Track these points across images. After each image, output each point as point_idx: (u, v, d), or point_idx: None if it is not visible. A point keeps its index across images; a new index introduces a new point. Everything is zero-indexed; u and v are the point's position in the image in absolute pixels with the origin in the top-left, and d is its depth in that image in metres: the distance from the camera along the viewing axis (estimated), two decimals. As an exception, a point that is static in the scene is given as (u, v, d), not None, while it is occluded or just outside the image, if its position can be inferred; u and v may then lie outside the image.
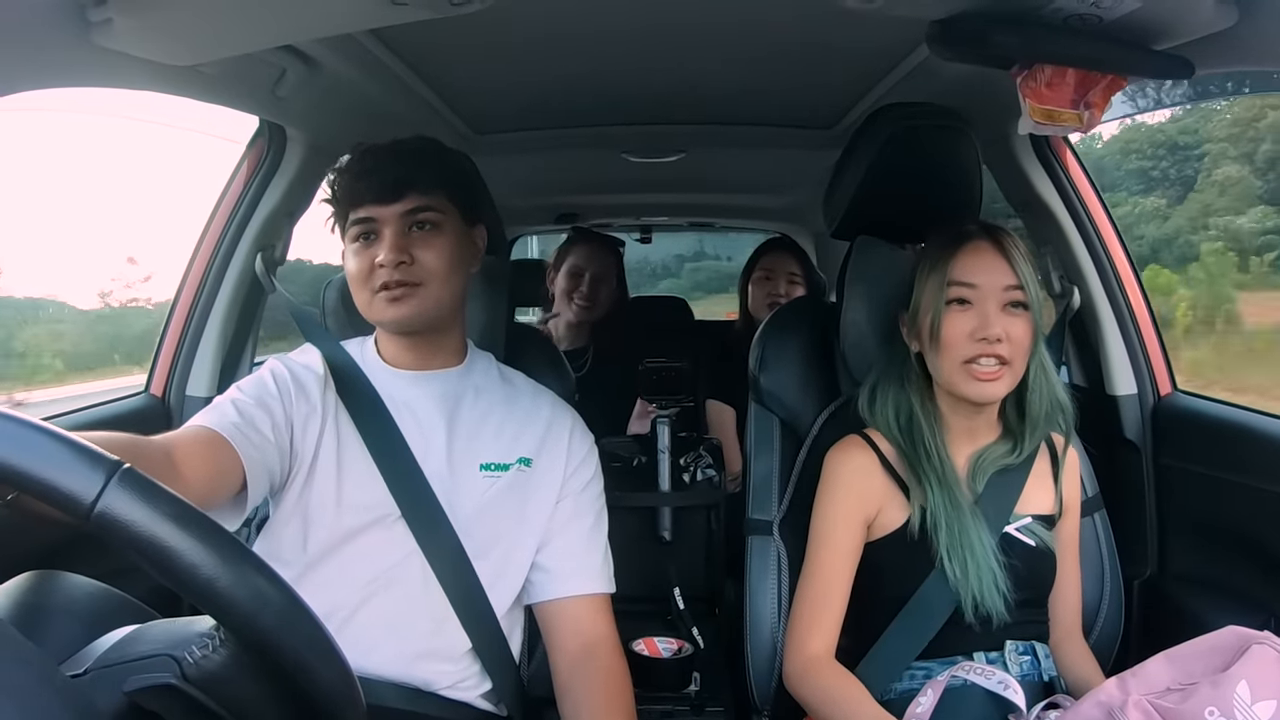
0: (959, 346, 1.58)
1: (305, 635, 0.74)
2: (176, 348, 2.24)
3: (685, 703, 2.16)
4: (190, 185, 3.22)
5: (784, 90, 2.35)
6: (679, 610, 2.44)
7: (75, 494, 0.67)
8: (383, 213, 1.56)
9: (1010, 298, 1.58)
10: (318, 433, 1.58)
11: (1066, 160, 2.19)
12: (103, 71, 1.42)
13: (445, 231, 1.60)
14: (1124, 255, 2.19)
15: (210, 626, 0.75)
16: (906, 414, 1.68)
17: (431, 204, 1.59)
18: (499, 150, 2.75)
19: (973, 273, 1.59)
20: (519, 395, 1.74)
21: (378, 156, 1.59)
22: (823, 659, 1.62)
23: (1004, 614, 1.56)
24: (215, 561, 0.69)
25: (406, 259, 1.55)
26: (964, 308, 1.59)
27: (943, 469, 1.63)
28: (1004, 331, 1.56)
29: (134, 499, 0.68)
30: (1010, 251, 1.59)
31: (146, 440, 1.29)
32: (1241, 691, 1.22)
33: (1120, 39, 1.42)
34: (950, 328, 1.59)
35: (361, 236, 1.59)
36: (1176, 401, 2.14)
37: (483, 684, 1.63)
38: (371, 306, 1.59)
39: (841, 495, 1.68)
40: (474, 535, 1.59)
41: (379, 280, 1.55)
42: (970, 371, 1.57)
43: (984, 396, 1.60)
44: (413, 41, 1.87)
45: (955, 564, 1.57)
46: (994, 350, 1.56)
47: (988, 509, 1.64)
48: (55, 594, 0.84)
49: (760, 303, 3.39)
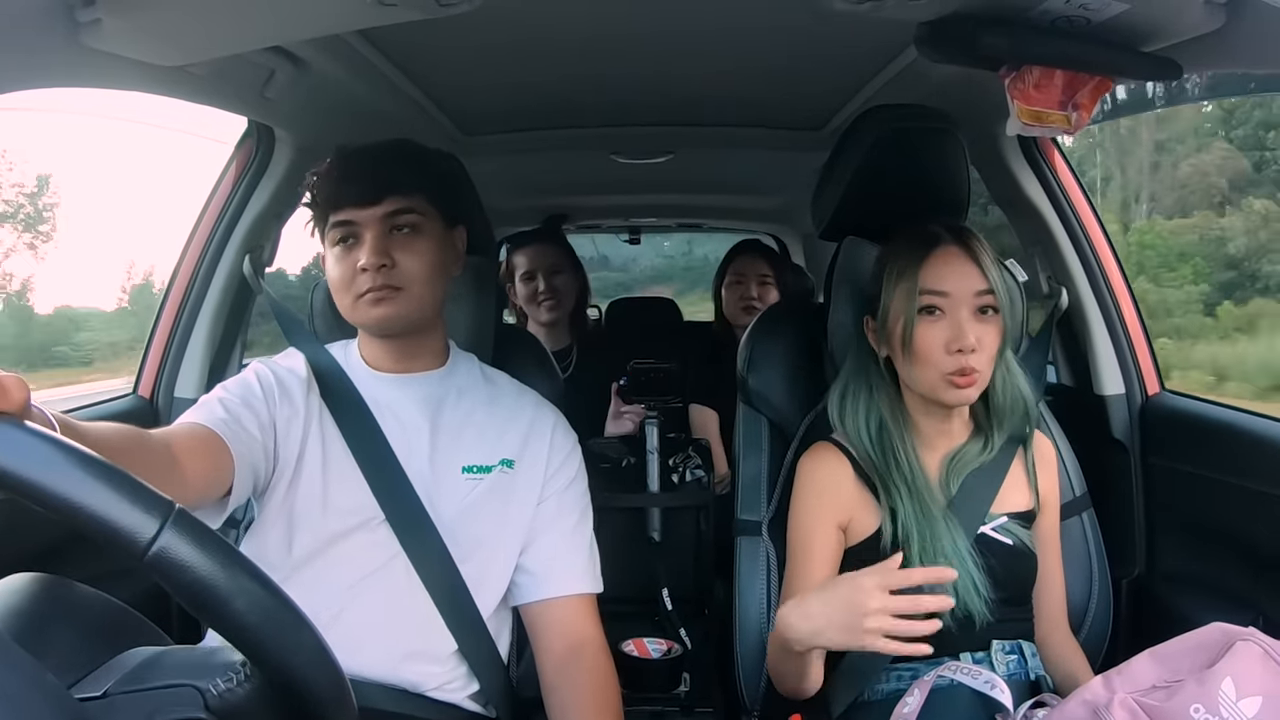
0: (935, 359, 1.57)
1: (329, 677, 0.76)
2: (165, 349, 2.24)
3: (675, 703, 2.17)
4: (181, 186, 3.23)
5: (772, 92, 2.35)
6: (667, 611, 2.44)
7: (133, 534, 0.67)
8: (363, 216, 1.56)
9: (981, 302, 1.57)
10: (301, 436, 1.58)
11: (1054, 161, 2.20)
12: (91, 72, 1.42)
13: (426, 234, 1.60)
14: (1111, 255, 2.20)
15: (235, 659, 0.75)
16: (877, 421, 1.67)
17: (412, 206, 1.58)
18: (487, 151, 2.75)
19: (943, 280, 1.58)
20: (501, 396, 1.74)
21: (358, 159, 1.59)
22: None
23: (985, 614, 1.56)
24: (256, 606, 0.71)
25: (388, 262, 1.55)
26: (936, 317, 1.58)
27: (913, 476, 1.63)
28: (976, 339, 1.55)
29: (188, 542, 0.69)
30: (980, 255, 1.58)
31: (149, 434, 1.29)
32: (1226, 688, 1.22)
33: (1108, 41, 1.42)
34: (923, 339, 1.57)
35: (342, 240, 1.58)
36: (1164, 401, 2.15)
37: (470, 685, 1.63)
38: (355, 310, 1.59)
39: (814, 502, 1.68)
40: (457, 538, 1.59)
41: (362, 285, 1.55)
42: (950, 380, 1.57)
43: (965, 402, 1.61)
44: (401, 42, 1.87)
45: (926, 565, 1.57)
46: (969, 362, 1.55)
47: (961, 511, 1.63)
48: (57, 603, 0.83)
49: (734, 306, 3.40)
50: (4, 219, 5.07)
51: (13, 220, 5.12)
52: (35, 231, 5.28)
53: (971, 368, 1.55)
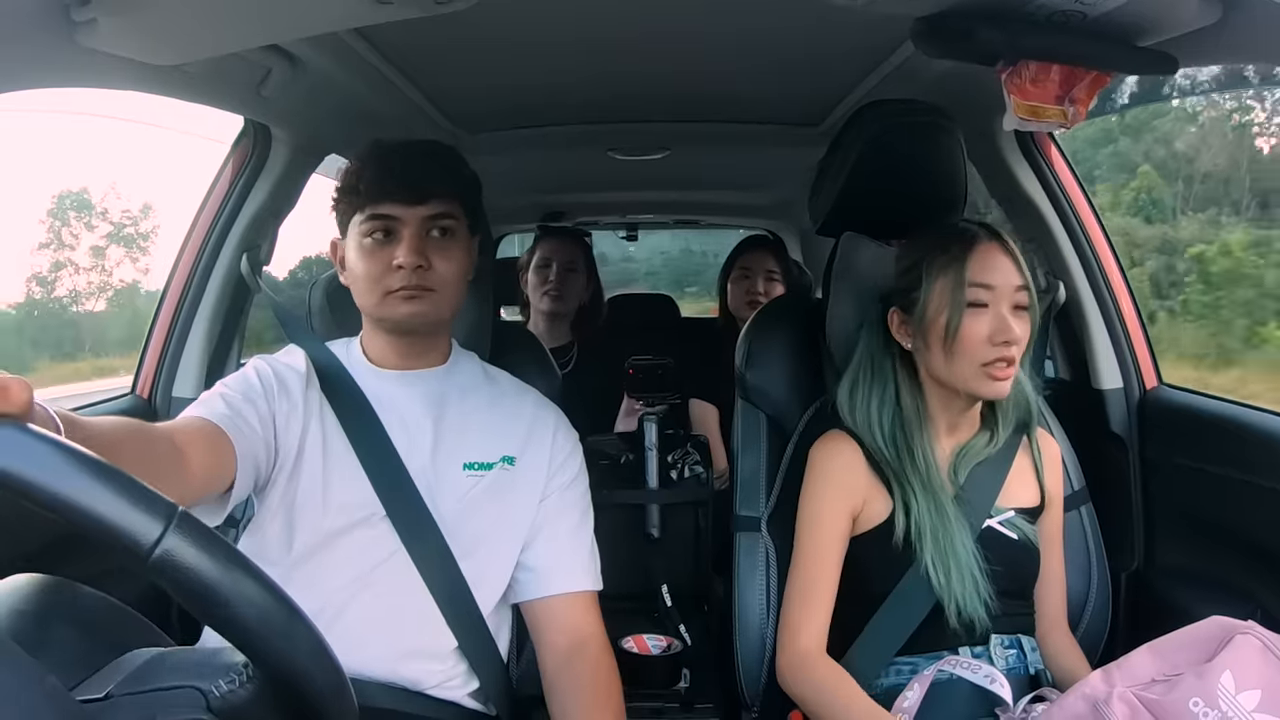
0: (978, 350, 1.59)
1: (330, 678, 0.76)
2: (163, 349, 2.23)
3: (675, 700, 2.16)
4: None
5: (769, 88, 2.35)
6: (666, 607, 2.44)
7: (137, 537, 0.67)
8: (406, 213, 1.56)
9: (1019, 299, 1.60)
10: (300, 431, 1.57)
11: (1051, 156, 2.20)
12: (87, 72, 1.41)
13: (459, 239, 1.61)
14: (1109, 250, 2.20)
15: (238, 661, 0.75)
16: (891, 413, 1.68)
17: (450, 210, 1.59)
18: (484, 149, 2.73)
19: (989, 274, 1.59)
20: (503, 394, 1.74)
21: (403, 156, 1.59)
22: (814, 653, 1.63)
23: (985, 619, 1.57)
24: (258, 607, 0.71)
25: (424, 263, 1.55)
26: (980, 310, 1.59)
27: (927, 471, 1.64)
28: (1017, 333, 1.58)
29: (191, 544, 0.68)
30: (1015, 252, 1.61)
31: (153, 428, 1.29)
32: (1226, 682, 1.23)
33: (1104, 35, 1.42)
34: (969, 330, 1.59)
35: (374, 234, 1.58)
36: (1162, 395, 2.15)
37: (470, 683, 1.63)
38: (382, 304, 1.58)
39: (827, 489, 1.68)
40: (458, 534, 1.59)
41: (395, 282, 1.55)
42: (988, 373, 1.59)
43: (1000, 395, 1.62)
44: (398, 40, 1.87)
45: (939, 571, 1.58)
46: (1009, 353, 1.57)
47: (969, 502, 1.65)
48: (57, 604, 0.83)
49: (740, 300, 3.41)
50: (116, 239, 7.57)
51: (117, 239, 7.62)
52: (136, 247, 7.61)
53: (1013, 358, 1.58)
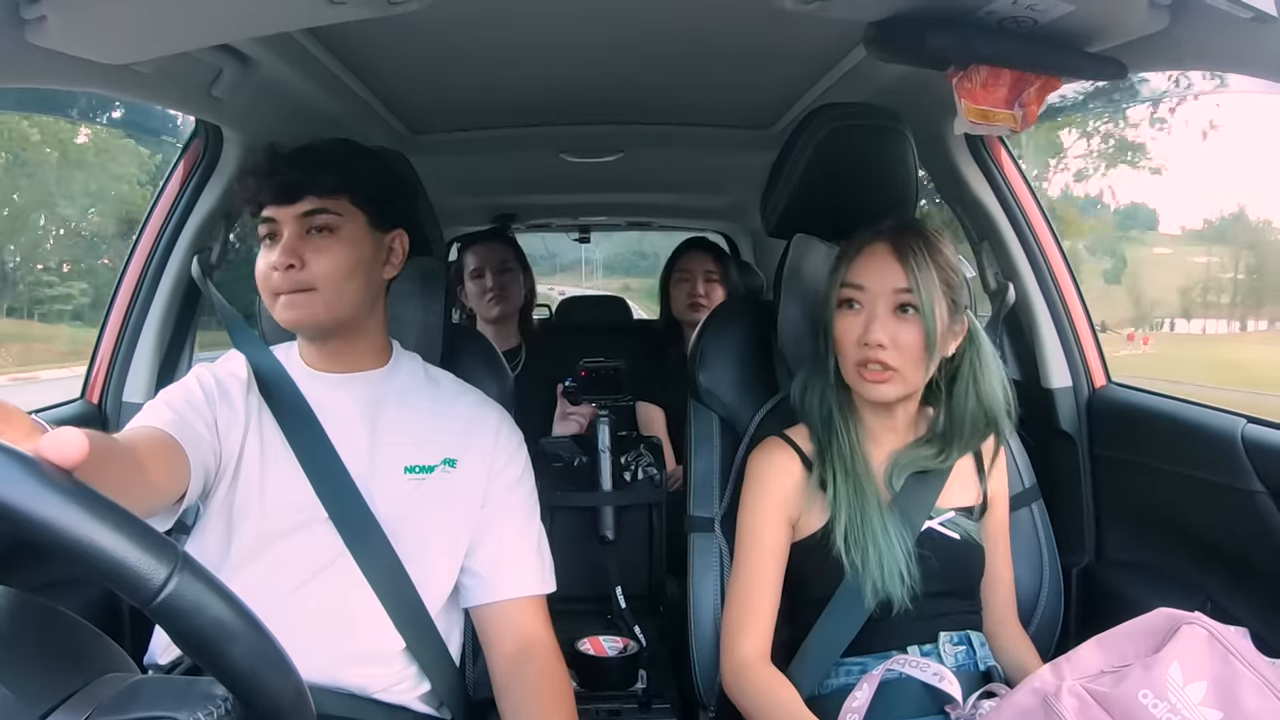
0: (850, 350, 1.61)
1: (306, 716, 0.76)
2: (113, 353, 2.20)
3: (632, 700, 2.17)
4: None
5: (722, 91, 2.36)
6: (620, 609, 2.45)
7: (142, 580, 0.66)
8: (281, 213, 1.56)
9: (899, 300, 1.59)
10: (240, 436, 1.56)
11: (1001, 159, 2.23)
12: (37, 70, 1.40)
13: (343, 236, 1.58)
14: (1057, 251, 2.23)
15: (217, 693, 0.74)
16: (827, 409, 1.70)
17: (329, 207, 1.57)
18: (436, 150, 2.74)
19: (863, 274, 1.60)
20: (444, 396, 1.73)
21: (286, 157, 1.58)
22: (753, 661, 1.63)
23: (905, 602, 1.57)
24: (252, 652, 0.72)
25: (296, 263, 1.53)
26: (853, 310, 1.61)
27: (852, 461, 1.65)
28: (889, 337, 1.57)
29: (194, 589, 0.68)
30: (907, 254, 1.59)
31: (115, 440, 1.28)
32: (1174, 673, 1.24)
33: (1054, 41, 1.44)
34: (840, 329, 1.62)
35: (267, 238, 1.58)
36: (1110, 394, 2.19)
37: (421, 685, 1.62)
38: (274, 309, 1.58)
39: (764, 497, 1.70)
40: (400, 537, 1.58)
41: (274, 285, 1.55)
42: (860, 374, 1.60)
43: (877, 397, 1.62)
44: (350, 41, 1.86)
45: (856, 553, 1.58)
46: (877, 356, 1.58)
47: (905, 506, 1.65)
48: (19, 622, 0.80)
49: (681, 303, 3.43)
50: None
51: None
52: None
53: (879, 362, 1.58)
